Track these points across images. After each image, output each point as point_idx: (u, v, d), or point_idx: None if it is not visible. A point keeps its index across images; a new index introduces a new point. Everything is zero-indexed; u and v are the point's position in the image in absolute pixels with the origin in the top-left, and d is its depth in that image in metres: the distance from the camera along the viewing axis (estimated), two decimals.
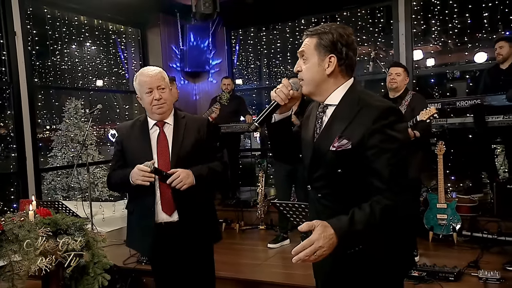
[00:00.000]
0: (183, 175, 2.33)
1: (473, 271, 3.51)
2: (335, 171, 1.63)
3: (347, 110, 1.64)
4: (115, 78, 7.49)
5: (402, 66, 4.14)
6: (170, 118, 2.50)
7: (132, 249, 3.29)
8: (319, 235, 1.46)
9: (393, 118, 1.58)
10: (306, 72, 1.69)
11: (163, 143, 2.45)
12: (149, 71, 2.44)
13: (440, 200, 4.28)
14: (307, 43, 1.69)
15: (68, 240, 2.83)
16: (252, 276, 3.78)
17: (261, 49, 7.64)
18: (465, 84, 7.42)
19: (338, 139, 1.61)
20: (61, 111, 7.95)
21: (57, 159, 7.68)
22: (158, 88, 2.38)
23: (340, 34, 1.64)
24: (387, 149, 1.54)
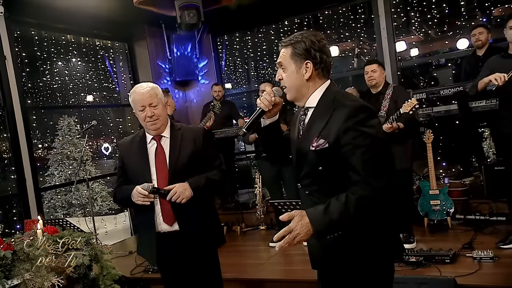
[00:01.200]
0: (180, 190, 2.41)
1: (468, 252, 3.64)
2: (317, 169, 1.76)
3: (323, 111, 1.77)
4: (106, 92, 7.57)
5: (376, 62, 4.26)
6: (167, 131, 2.57)
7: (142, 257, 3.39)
8: (296, 223, 1.64)
9: (364, 115, 1.70)
10: (287, 80, 1.83)
11: (161, 157, 2.52)
12: (140, 89, 2.49)
13: (432, 186, 4.41)
14: (283, 53, 1.82)
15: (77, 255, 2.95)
16: (256, 275, 3.88)
17: (247, 52, 7.77)
18: (450, 71, 7.59)
19: (316, 139, 1.74)
20: (54, 129, 8.01)
21: (54, 177, 7.75)
22: (150, 106, 2.45)
23: (312, 41, 1.76)
24: (360, 145, 1.66)
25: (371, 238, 1.77)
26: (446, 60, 7.45)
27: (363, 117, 1.69)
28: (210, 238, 2.62)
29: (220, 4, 5.47)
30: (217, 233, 2.73)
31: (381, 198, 1.69)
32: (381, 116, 4.03)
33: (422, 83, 7.44)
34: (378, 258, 1.81)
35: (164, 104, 2.57)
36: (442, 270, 3.35)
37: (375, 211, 1.72)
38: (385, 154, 1.73)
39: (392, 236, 1.89)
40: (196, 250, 2.55)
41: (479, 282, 3.14)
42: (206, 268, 2.62)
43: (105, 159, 9.02)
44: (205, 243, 2.58)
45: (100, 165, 8.63)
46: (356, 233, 1.74)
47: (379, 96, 4.12)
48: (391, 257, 1.89)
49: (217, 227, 2.76)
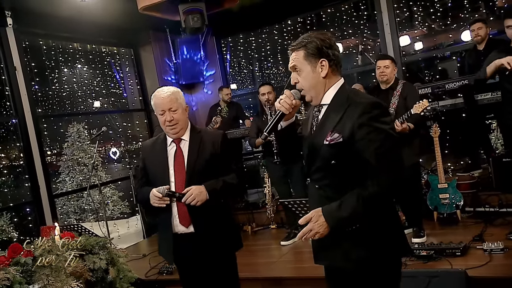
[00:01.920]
0: (195, 193, 2.45)
1: (478, 244, 3.66)
2: (329, 163, 1.81)
3: (338, 107, 1.82)
4: (114, 98, 7.67)
5: (389, 58, 4.24)
6: (186, 134, 2.61)
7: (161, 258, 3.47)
8: (313, 224, 1.77)
9: (378, 112, 1.75)
10: (304, 81, 1.88)
11: (179, 160, 2.57)
12: (161, 93, 2.54)
13: (441, 180, 4.44)
14: (296, 56, 1.87)
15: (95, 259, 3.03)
16: (269, 274, 3.93)
17: (251, 53, 7.82)
18: (454, 63, 7.58)
19: (331, 133, 1.79)
20: (64, 136, 8.12)
21: (66, 184, 7.85)
22: (169, 110, 2.50)
23: (322, 39, 1.82)
24: (374, 139, 1.71)
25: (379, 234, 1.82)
26: (450, 53, 7.44)
27: (377, 113, 1.75)
28: (225, 242, 2.63)
29: (223, 7, 5.53)
30: (234, 237, 2.73)
31: (392, 192, 1.77)
32: (390, 113, 4.02)
33: (428, 77, 7.44)
34: (385, 255, 1.85)
35: (184, 108, 2.60)
36: (453, 263, 3.37)
37: (385, 205, 1.78)
38: (397, 149, 1.78)
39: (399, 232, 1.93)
40: (212, 253, 2.58)
41: (490, 274, 3.17)
42: (223, 271, 2.64)
43: (114, 163, 9.13)
44: (221, 246, 2.59)
45: (110, 170, 8.72)
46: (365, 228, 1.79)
47: (389, 92, 4.12)
48: (397, 254, 1.93)
49: (233, 231, 2.76)
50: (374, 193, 1.72)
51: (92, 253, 3.06)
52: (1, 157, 7.45)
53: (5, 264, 2.59)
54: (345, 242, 1.82)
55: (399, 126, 3.85)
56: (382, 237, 1.83)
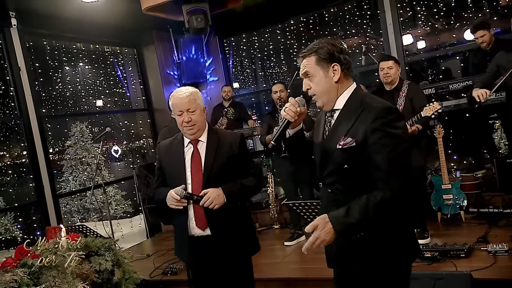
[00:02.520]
0: (213, 196, 2.43)
1: (483, 245, 3.67)
2: (342, 167, 1.81)
3: (351, 112, 1.83)
4: (117, 98, 7.67)
5: (391, 58, 4.22)
6: (204, 135, 2.59)
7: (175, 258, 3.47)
8: (320, 232, 1.73)
9: (391, 117, 1.75)
10: (316, 87, 1.88)
11: (197, 161, 2.54)
12: (180, 93, 2.52)
13: (444, 181, 4.44)
14: (307, 62, 1.87)
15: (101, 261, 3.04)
16: (273, 275, 3.93)
17: (254, 53, 7.83)
18: (457, 62, 7.57)
19: (344, 138, 1.79)
20: (67, 135, 8.14)
21: (69, 183, 7.87)
22: (188, 111, 2.48)
23: (333, 44, 1.84)
24: (387, 144, 1.72)
25: (389, 239, 1.83)
26: (453, 52, 7.43)
27: (391, 119, 1.75)
28: (243, 246, 2.61)
29: (226, 7, 5.53)
30: (251, 240, 2.69)
31: (402, 198, 1.75)
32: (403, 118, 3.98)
33: (430, 75, 7.43)
34: (396, 259, 1.86)
35: (202, 109, 2.58)
36: (458, 265, 3.39)
37: (395, 211, 1.78)
38: (408, 155, 1.78)
39: (410, 237, 1.94)
40: (228, 257, 2.56)
41: (495, 276, 3.18)
42: (238, 275, 2.62)
43: (116, 162, 9.14)
44: (238, 250, 2.57)
45: (112, 168, 8.73)
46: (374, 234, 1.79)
47: (394, 93, 4.10)
48: (408, 258, 1.93)
49: (250, 234, 2.72)
50: (385, 199, 1.71)
51: (98, 255, 3.06)
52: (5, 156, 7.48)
53: (13, 266, 2.60)
54: (357, 245, 1.83)
55: (409, 128, 3.82)
56: (394, 241, 1.84)
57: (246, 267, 2.67)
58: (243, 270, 2.65)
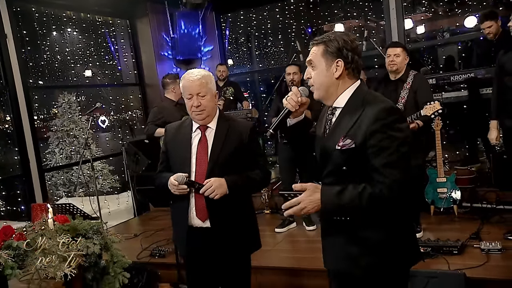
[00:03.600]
0: (215, 185, 2.31)
1: (475, 242, 3.66)
2: (341, 168, 1.77)
3: (352, 112, 1.76)
4: (108, 70, 7.43)
5: (400, 45, 4.00)
6: (213, 122, 2.47)
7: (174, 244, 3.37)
8: (306, 197, 1.70)
9: (392, 118, 1.69)
10: (316, 78, 1.82)
11: (203, 148, 2.43)
12: (191, 76, 2.39)
13: (440, 174, 4.40)
14: (314, 51, 1.82)
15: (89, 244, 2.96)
16: (263, 263, 3.84)
17: (251, 30, 7.61)
18: (455, 48, 7.49)
19: (343, 139, 1.74)
20: (54, 106, 7.89)
21: (55, 155, 7.67)
22: (198, 95, 2.35)
23: (345, 41, 1.77)
24: (386, 147, 1.66)
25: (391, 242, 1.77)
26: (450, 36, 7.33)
27: (392, 120, 1.68)
28: (242, 241, 2.50)
29: None
30: (252, 237, 2.57)
31: (399, 201, 1.70)
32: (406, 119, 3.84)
33: (427, 61, 7.33)
34: (396, 263, 1.81)
35: (214, 95, 2.44)
36: (450, 262, 3.37)
37: (388, 212, 1.72)
38: (409, 158, 1.71)
39: (411, 241, 1.89)
40: (226, 251, 2.46)
41: (488, 275, 3.16)
42: (235, 271, 2.53)
43: (103, 133, 8.93)
44: (237, 245, 2.47)
45: (99, 140, 8.49)
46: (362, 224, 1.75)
47: (398, 84, 3.92)
48: (408, 263, 1.89)
49: (252, 230, 2.59)
50: (381, 195, 1.66)
51: (85, 238, 2.99)
52: None
53: None
54: (355, 247, 1.79)
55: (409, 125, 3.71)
56: (393, 244, 1.79)
57: (244, 263, 2.58)
58: (240, 267, 2.55)
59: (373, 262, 1.77)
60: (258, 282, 3.69)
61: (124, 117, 8.06)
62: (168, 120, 4.78)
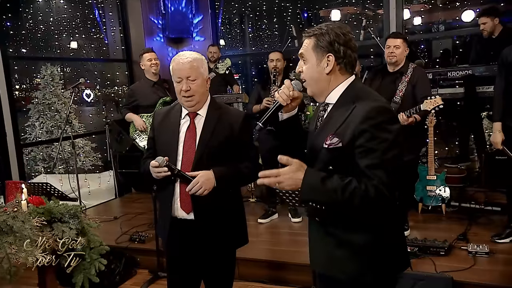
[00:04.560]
0: (202, 180, 2.17)
1: (463, 244, 3.62)
2: (327, 168, 1.68)
3: (342, 109, 1.68)
4: (94, 44, 7.14)
5: (401, 36, 3.84)
6: (204, 109, 2.31)
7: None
8: (287, 172, 1.61)
9: (383, 118, 1.60)
10: (307, 72, 1.75)
11: (191, 137, 2.29)
12: (181, 58, 2.24)
13: (430, 171, 4.33)
14: (306, 44, 1.74)
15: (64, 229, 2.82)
16: (242, 254, 3.68)
17: (246, 11, 7.36)
18: (450, 41, 7.40)
19: (330, 137, 1.66)
20: (36, 77, 7.57)
21: (35, 129, 7.39)
22: (187, 79, 2.20)
23: (337, 34, 1.68)
24: (374, 149, 1.57)
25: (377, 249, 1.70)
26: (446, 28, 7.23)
27: (382, 120, 1.59)
28: (228, 236, 2.37)
29: None
30: (238, 232, 2.43)
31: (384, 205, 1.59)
32: (395, 102, 3.71)
33: (421, 54, 7.23)
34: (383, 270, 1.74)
35: (205, 79, 2.28)
36: (437, 263, 3.32)
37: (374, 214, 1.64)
38: (399, 163, 1.62)
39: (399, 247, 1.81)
40: (210, 246, 2.34)
41: (474, 279, 3.11)
42: (219, 266, 2.41)
43: (88, 107, 8.66)
44: (222, 240, 2.34)
45: (83, 115, 8.20)
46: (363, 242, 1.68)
47: (396, 76, 3.79)
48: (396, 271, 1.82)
49: (239, 225, 2.45)
50: (365, 193, 1.55)
51: (61, 222, 2.85)
52: None
53: None
54: (342, 251, 1.71)
55: (406, 120, 3.58)
56: (381, 250, 1.71)
57: (228, 258, 2.45)
58: (224, 261, 2.43)
59: (360, 267, 1.70)
60: (239, 273, 3.62)
61: (110, 92, 7.80)
62: (141, 103, 4.60)
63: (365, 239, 1.68)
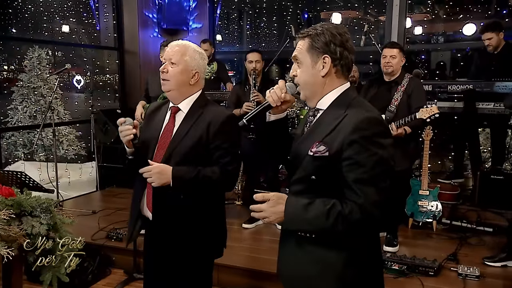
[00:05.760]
0: (155, 171, 2.05)
1: (453, 265, 3.49)
2: (309, 177, 1.60)
3: (333, 116, 1.60)
4: (85, 29, 6.90)
5: (397, 46, 3.82)
6: (185, 105, 2.18)
7: None
8: (269, 208, 1.56)
9: (375, 130, 1.51)
10: (301, 75, 1.67)
11: (167, 133, 2.19)
12: (175, 42, 2.21)
13: (423, 186, 4.21)
14: (300, 46, 1.66)
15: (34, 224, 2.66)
16: (222, 260, 3.55)
17: (245, 8, 7.17)
18: (448, 54, 7.33)
19: (317, 145, 1.57)
20: (22, 59, 7.29)
21: (18, 112, 7.11)
22: (170, 61, 2.13)
23: (333, 34, 1.60)
24: (363, 163, 1.48)
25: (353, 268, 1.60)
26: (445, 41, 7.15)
27: (374, 132, 1.50)
28: (196, 245, 2.17)
29: None
30: (210, 241, 2.22)
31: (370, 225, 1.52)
32: (390, 111, 3.68)
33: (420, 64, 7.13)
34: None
35: (188, 70, 2.13)
36: (425, 284, 3.19)
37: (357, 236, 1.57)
38: (389, 179, 1.52)
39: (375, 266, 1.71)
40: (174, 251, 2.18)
41: None
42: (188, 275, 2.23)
43: (77, 93, 8.39)
44: (187, 248, 2.16)
45: (70, 101, 7.92)
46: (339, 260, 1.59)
47: (392, 86, 3.77)
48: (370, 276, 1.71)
49: (212, 234, 2.23)
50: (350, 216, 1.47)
51: (32, 216, 2.67)
52: None
53: None
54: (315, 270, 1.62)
55: (395, 130, 3.54)
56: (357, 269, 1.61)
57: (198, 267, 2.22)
58: (194, 270, 2.22)
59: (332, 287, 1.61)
60: (218, 279, 3.47)
61: (99, 80, 7.57)
62: (150, 93, 4.54)
63: (340, 257, 1.59)
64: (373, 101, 4.00)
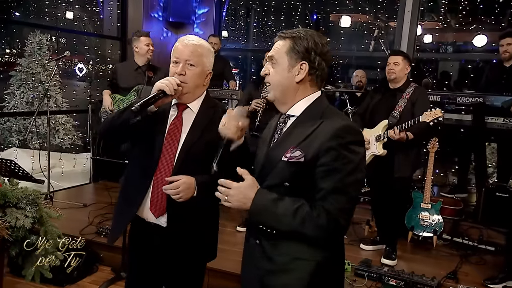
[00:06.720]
0: (183, 188, 1.88)
1: (452, 283, 3.37)
2: (282, 184, 1.57)
3: (308, 123, 1.59)
4: (88, 16, 6.76)
5: (401, 54, 3.78)
6: (196, 104, 2.03)
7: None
8: (239, 189, 1.54)
9: (351, 138, 1.51)
10: (274, 75, 1.63)
11: (175, 134, 1.99)
12: (188, 39, 2.00)
13: (426, 200, 4.08)
14: (278, 46, 1.63)
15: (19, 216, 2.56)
16: (213, 264, 3.43)
17: (253, 5, 7.03)
18: (457, 64, 7.21)
19: (292, 150, 1.55)
20: (23, 44, 7.13)
21: (15, 97, 6.96)
22: (186, 62, 1.94)
23: (316, 42, 1.59)
24: (338, 169, 1.49)
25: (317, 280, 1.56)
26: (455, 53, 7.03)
27: (350, 140, 1.51)
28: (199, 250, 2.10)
29: None
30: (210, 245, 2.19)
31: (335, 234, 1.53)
32: (394, 117, 3.62)
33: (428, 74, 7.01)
34: None
35: (205, 72, 2.00)
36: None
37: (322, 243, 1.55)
38: (358, 188, 1.55)
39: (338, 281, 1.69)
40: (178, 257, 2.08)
41: None
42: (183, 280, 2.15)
43: (78, 82, 8.25)
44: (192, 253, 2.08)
45: (69, 89, 7.76)
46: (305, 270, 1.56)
47: (396, 94, 3.70)
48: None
49: (212, 238, 2.20)
50: (317, 219, 1.48)
51: (16, 207, 2.57)
52: None
53: None
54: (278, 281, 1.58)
55: (397, 134, 3.48)
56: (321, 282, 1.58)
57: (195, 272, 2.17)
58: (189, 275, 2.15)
59: None
60: (208, 284, 3.36)
61: (101, 69, 7.43)
62: (120, 84, 4.39)
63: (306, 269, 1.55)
64: (377, 107, 3.92)
